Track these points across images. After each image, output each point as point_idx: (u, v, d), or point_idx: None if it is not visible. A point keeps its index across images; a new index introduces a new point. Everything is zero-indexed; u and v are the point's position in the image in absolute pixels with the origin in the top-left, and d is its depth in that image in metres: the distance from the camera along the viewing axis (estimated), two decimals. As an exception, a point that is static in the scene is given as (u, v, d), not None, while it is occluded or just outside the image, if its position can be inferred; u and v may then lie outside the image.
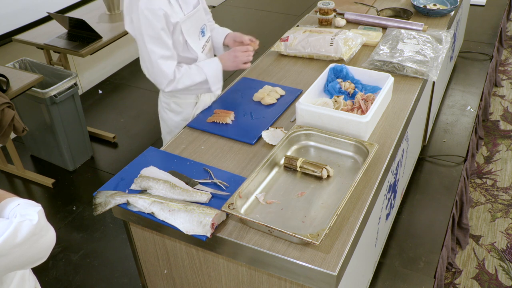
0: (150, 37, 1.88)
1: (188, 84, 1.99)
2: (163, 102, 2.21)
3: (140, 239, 1.73)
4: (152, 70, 1.95)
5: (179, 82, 1.97)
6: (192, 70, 2.00)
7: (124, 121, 3.81)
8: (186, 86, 2.00)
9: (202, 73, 2.00)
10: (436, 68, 2.17)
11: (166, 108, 2.20)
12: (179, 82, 1.97)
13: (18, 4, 3.46)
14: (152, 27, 1.86)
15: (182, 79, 1.98)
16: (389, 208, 2.29)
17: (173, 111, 2.18)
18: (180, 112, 2.17)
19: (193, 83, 2.00)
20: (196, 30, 2.06)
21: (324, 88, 2.04)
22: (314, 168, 1.62)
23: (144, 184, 1.58)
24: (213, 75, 2.02)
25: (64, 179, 3.23)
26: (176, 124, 2.20)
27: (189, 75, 1.99)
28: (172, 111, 2.19)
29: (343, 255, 1.36)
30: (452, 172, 3.00)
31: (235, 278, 1.57)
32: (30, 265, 1.17)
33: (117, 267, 2.59)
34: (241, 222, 1.48)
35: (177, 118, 2.19)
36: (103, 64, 4.35)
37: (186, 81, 1.98)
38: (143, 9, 1.84)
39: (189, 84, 2.00)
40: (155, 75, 1.96)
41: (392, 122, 1.91)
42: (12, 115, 2.46)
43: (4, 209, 1.19)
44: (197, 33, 2.06)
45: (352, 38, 2.36)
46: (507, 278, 2.50)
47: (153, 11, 1.84)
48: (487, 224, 2.81)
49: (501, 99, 3.93)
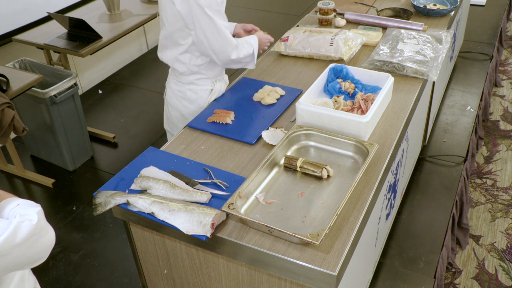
0: (213, 10, 1.96)
1: (245, 53, 2.09)
2: (176, 91, 2.21)
3: (140, 239, 1.73)
4: (220, 40, 2.01)
5: (241, 50, 2.08)
6: (243, 41, 2.11)
7: (124, 121, 3.81)
8: (244, 55, 2.09)
9: (250, 46, 2.12)
10: (436, 68, 2.17)
11: (179, 96, 2.21)
12: (241, 50, 2.08)
13: (18, 4, 3.46)
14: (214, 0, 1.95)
15: (244, 47, 2.09)
16: (389, 208, 2.29)
17: (188, 99, 2.19)
18: (195, 99, 2.19)
19: (248, 53, 2.10)
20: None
21: (324, 88, 2.04)
22: (314, 168, 1.62)
23: (144, 184, 1.58)
24: (256, 48, 2.16)
25: (64, 179, 3.23)
26: (191, 112, 2.22)
27: (245, 46, 2.10)
28: (187, 99, 2.19)
29: (343, 255, 1.36)
30: (452, 172, 3.01)
31: (235, 278, 1.58)
32: (29, 265, 1.17)
33: (117, 267, 2.59)
34: (241, 222, 1.48)
35: (192, 106, 2.20)
36: (103, 64, 4.35)
37: (245, 50, 2.09)
38: None
39: (246, 53, 2.10)
40: (223, 45, 2.02)
41: (392, 122, 1.91)
42: (12, 115, 2.46)
43: (4, 209, 1.19)
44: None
45: (352, 38, 2.36)
46: (507, 278, 2.50)
47: None
48: (487, 224, 2.81)
49: (501, 99, 3.93)
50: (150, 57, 4.72)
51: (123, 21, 3.48)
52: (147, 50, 4.83)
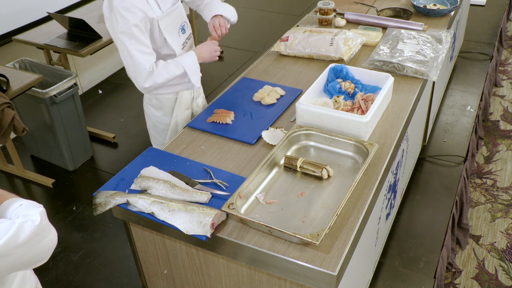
0: (125, 34, 1.88)
1: (167, 77, 1.95)
2: (146, 98, 2.21)
3: (140, 239, 1.73)
4: (131, 64, 1.92)
5: (158, 76, 1.93)
6: (169, 64, 1.97)
7: (124, 121, 3.81)
8: (165, 80, 1.95)
9: (179, 66, 1.97)
10: (436, 68, 2.17)
11: (148, 103, 2.20)
12: (158, 76, 1.93)
13: (18, 4, 3.46)
14: (125, 23, 1.86)
15: (161, 73, 1.94)
16: (389, 208, 2.29)
17: (154, 106, 2.19)
18: (161, 107, 2.17)
19: (172, 76, 1.96)
20: (176, 27, 2.06)
21: (324, 88, 2.04)
22: (314, 168, 1.62)
23: (144, 184, 1.58)
24: (190, 66, 1.99)
25: (64, 179, 3.23)
26: (158, 119, 2.21)
27: (167, 68, 1.95)
28: (154, 106, 2.19)
29: (343, 255, 1.36)
30: (452, 172, 3.00)
31: (235, 278, 1.58)
32: (31, 265, 1.17)
33: (117, 267, 2.59)
34: (241, 222, 1.48)
35: (158, 113, 2.19)
36: (103, 64, 4.35)
37: (165, 75, 1.94)
38: (117, 6, 1.85)
39: (168, 77, 1.95)
40: (134, 70, 1.93)
41: (392, 122, 1.91)
42: (12, 115, 2.46)
43: (7, 209, 1.19)
44: (176, 30, 2.06)
45: (352, 38, 2.36)
46: (507, 278, 2.50)
47: (126, 8, 1.84)
48: (487, 224, 2.81)
49: (501, 99, 3.93)
50: (150, 57, 4.72)
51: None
52: (147, 50, 4.83)
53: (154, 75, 1.93)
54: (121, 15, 1.84)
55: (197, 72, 2.02)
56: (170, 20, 2.01)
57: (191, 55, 2.01)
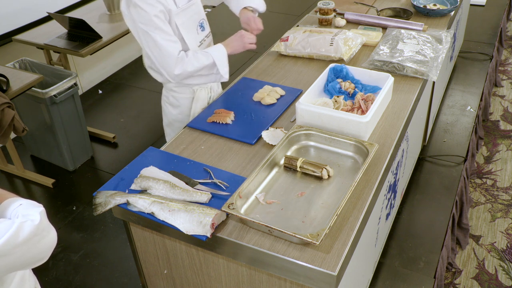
0: (147, 25, 1.89)
1: (197, 66, 1.97)
2: (164, 95, 2.24)
3: (140, 239, 1.73)
4: (160, 54, 1.93)
5: (188, 64, 1.95)
6: (198, 53, 2.00)
7: (124, 121, 3.81)
8: (195, 68, 1.97)
9: (209, 56, 1.99)
10: (436, 68, 2.17)
11: (166, 101, 2.24)
12: (188, 64, 1.95)
13: (18, 4, 3.46)
14: (145, 15, 1.87)
15: (191, 61, 1.96)
16: (389, 208, 2.29)
17: (172, 105, 2.21)
18: (177, 106, 2.20)
19: (201, 65, 1.98)
20: (193, 24, 2.06)
21: (324, 88, 2.04)
22: (314, 168, 1.62)
23: (144, 184, 1.58)
24: (219, 57, 2.01)
25: (64, 179, 3.23)
26: (174, 117, 2.23)
27: (197, 58, 1.98)
28: (171, 105, 2.21)
29: (343, 255, 1.36)
30: (452, 172, 3.00)
31: (235, 278, 1.57)
32: (31, 265, 1.17)
33: (117, 267, 2.59)
34: (241, 222, 1.48)
35: (175, 112, 2.22)
36: (103, 64, 4.35)
37: (195, 63, 1.96)
38: (134, 1, 1.87)
39: (198, 66, 1.97)
40: (162, 59, 1.94)
41: (392, 122, 1.91)
42: (12, 115, 2.46)
43: (7, 209, 1.19)
44: (194, 27, 2.06)
45: (352, 38, 2.36)
46: (507, 278, 2.50)
47: (144, 0, 1.86)
48: (487, 224, 2.81)
49: (501, 99, 3.93)
50: (150, 57, 4.72)
51: (123, 21, 3.44)
52: (147, 50, 4.83)
53: (185, 63, 1.95)
54: (140, 8, 1.86)
55: (226, 64, 2.04)
56: (186, 16, 2.01)
57: (219, 47, 2.04)
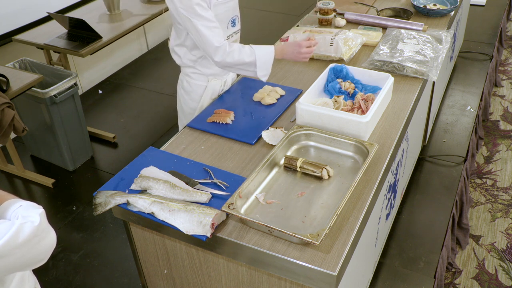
0: (187, 11, 1.92)
1: (237, 59, 1.98)
2: (180, 79, 2.27)
3: (140, 239, 1.73)
4: (200, 40, 1.97)
5: (229, 55, 1.97)
6: (244, 48, 2.00)
7: (124, 121, 3.81)
8: (234, 61, 1.99)
9: (252, 54, 2.00)
10: (436, 68, 2.17)
11: (180, 85, 2.26)
12: (229, 55, 1.97)
13: (18, 4, 3.46)
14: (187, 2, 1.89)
15: (232, 54, 1.97)
16: (389, 208, 2.29)
17: (185, 90, 2.23)
18: (190, 91, 2.21)
19: (241, 60, 1.99)
20: (226, 19, 2.07)
21: (324, 88, 2.04)
22: (314, 168, 1.62)
23: (144, 184, 1.58)
24: (262, 60, 2.01)
25: (64, 179, 3.23)
26: (185, 102, 2.26)
27: (240, 52, 1.98)
28: (184, 89, 2.24)
29: (343, 255, 1.36)
30: (452, 172, 3.00)
31: (235, 278, 1.58)
32: (30, 266, 1.17)
33: (117, 267, 2.59)
34: (241, 222, 1.48)
35: (187, 97, 2.24)
36: (103, 64, 4.35)
37: (236, 56, 1.98)
38: None
39: (237, 60, 1.99)
40: (203, 45, 1.98)
41: (392, 122, 1.91)
42: (12, 115, 2.46)
43: (7, 210, 1.19)
44: (226, 22, 2.08)
45: (352, 38, 2.36)
46: (507, 278, 2.50)
47: None
48: (487, 224, 2.81)
49: (501, 99, 3.93)
50: (150, 57, 4.72)
51: (123, 21, 3.48)
52: (147, 50, 4.83)
53: (226, 53, 1.97)
54: None
55: (267, 67, 2.03)
56: (222, 10, 2.02)
57: (268, 49, 2.03)
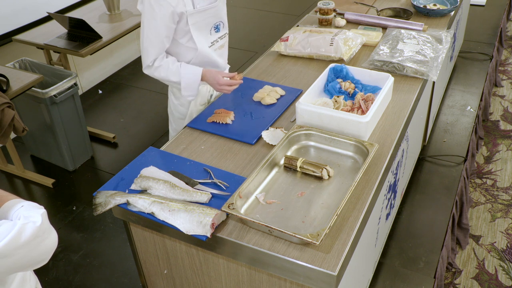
0: (148, 20, 1.96)
1: (163, 76, 2.06)
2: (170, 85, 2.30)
3: (140, 239, 1.73)
4: (141, 47, 2.04)
5: (156, 70, 2.04)
6: (172, 66, 2.05)
7: (124, 121, 3.81)
8: (160, 78, 2.07)
9: (178, 75, 2.05)
10: (436, 68, 2.17)
11: (170, 89, 2.28)
12: (156, 70, 2.04)
13: (18, 4, 3.46)
14: (152, 12, 1.93)
15: (159, 69, 2.04)
16: (389, 208, 2.29)
17: (174, 95, 2.25)
18: (179, 97, 2.23)
19: (166, 78, 2.06)
20: (208, 25, 2.07)
21: (324, 88, 2.04)
22: (314, 168, 1.62)
23: (144, 184, 1.58)
24: (187, 82, 2.06)
25: (64, 179, 3.23)
26: (175, 107, 2.28)
27: (167, 70, 2.04)
28: (174, 94, 2.26)
29: (343, 255, 1.36)
30: (452, 172, 3.00)
31: (235, 278, 1.58)
32: (32, 267, 1.17)
33: (117, 267, 2.59)
34: (241, 222, 1.48)
35: (176, 102, 2.26)
36: (103, 64, 4.35)
37: (162, 73, 2.05)
38: None
39: (163, 77, 2.07)
40: (142, 52, 2.05)
41: (392, 122, 1.91)
42: (12, 115, 2.46)
43: (8, 211, 1.19)
44: (208, 28, 2.08)
45: (352, 38, 2.36)
46: (507, 278, 2.50)
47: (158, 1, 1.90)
48: (487, 224, 2.81)
49: (501, 99, 3.93)
50: (150, 57, 4.72)
51: (123, 21, 3.48)
52: (147, 50, 4.83)
53: (153, 69, 2.04)
54: (150, 4, 1.92)
55: (193, 89, 2.08)
56: (201, 17, 2.03)
57: (197, 72, 2.06)
